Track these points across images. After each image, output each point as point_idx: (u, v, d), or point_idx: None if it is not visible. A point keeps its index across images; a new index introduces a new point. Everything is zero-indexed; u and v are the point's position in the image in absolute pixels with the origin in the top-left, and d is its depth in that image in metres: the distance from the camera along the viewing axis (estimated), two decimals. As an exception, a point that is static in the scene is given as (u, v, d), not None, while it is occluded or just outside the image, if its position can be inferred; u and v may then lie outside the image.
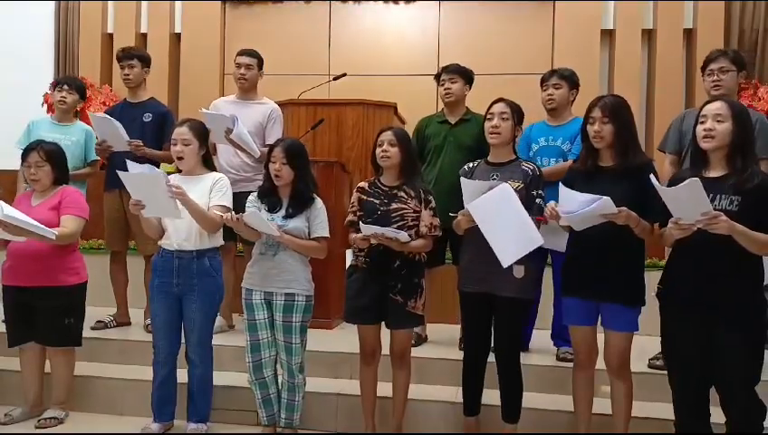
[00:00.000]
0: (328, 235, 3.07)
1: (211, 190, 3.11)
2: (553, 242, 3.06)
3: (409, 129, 4.38)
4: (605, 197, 2.51)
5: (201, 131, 3.21)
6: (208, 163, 3.25)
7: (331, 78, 5.03)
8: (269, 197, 3.08)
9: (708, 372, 2.49)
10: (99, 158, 4.17)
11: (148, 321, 3.94)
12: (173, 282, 3.07)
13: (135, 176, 2.95)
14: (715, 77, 3.28)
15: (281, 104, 4.40)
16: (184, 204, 2.94)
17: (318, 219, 3.05)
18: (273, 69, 5.85)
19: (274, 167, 3.01)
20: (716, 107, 2.47)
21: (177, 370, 3.20)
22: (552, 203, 2.66)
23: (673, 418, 2.66)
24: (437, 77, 3.96)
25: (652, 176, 2.48)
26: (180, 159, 3.15)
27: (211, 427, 3.20)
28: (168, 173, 3.55)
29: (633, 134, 2.74)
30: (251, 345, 3.05)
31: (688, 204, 2.30)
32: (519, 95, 4.19)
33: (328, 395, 3.31)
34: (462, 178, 2.81)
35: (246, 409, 3.28)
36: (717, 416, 2.56)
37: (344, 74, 5.00)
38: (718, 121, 2.43)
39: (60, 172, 3.38)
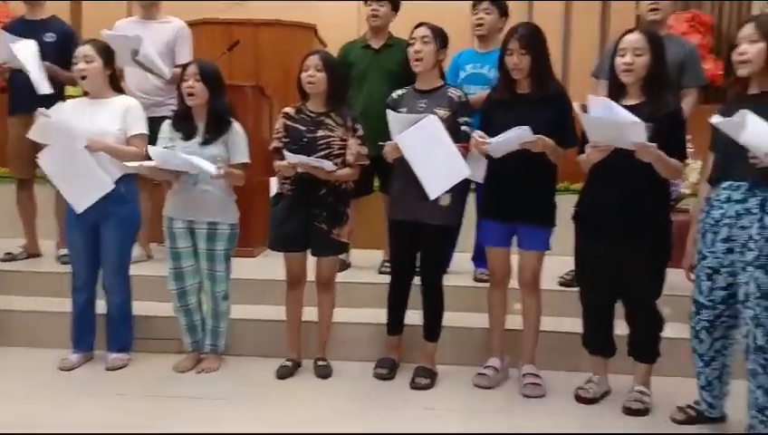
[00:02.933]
0: (249, 160, 3.02)
1: (124, 118, 2.98)
2: (474, 171, 3.12)
3: (331, 51, 4.29)
4: (525, 126, 2.59)
5: (105, 50, 3.05)
6: (116, 86, 3.09)
7: (248, -4, 4.81)
8: (183, 123, 2.98)
9: (616, 288, 2.70)
10: None
11: (61, 252, 3.80)
12: (88, 210, 2.95)
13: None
14: (653, 5, 3.32)
15: (193, 24, 4.18)
16: (105, 151, 2.84)
17: (238, 145, 2.98)
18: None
19: (187, 84, 2.91)
20: (635, 39, 2.56)
21: (97, 301, 3.14)
22: (477, 133, 2.73)
23: (579, 331, 2.88)
24: None
25: (576, 104, 2.57)
26: (83, 78, 2.98)
27: (133, 356, 3.18)
28: (73, 97, 3.37)
29: (548, 63, 2.83)
30: (174, 274, 3.02)
31: (607, 130, 2.44)
32: (454, 23, 4.18)
33: (252, 321, 3.33)
34: (388, 112, 2.82)
35: (168, 337, 3.27)
36: (619, 328, 2.79)
37: (261, -8, 4.78)
38: (637, 55, 2.54)
39: None
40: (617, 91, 2.64)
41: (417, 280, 3.04)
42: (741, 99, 2.36)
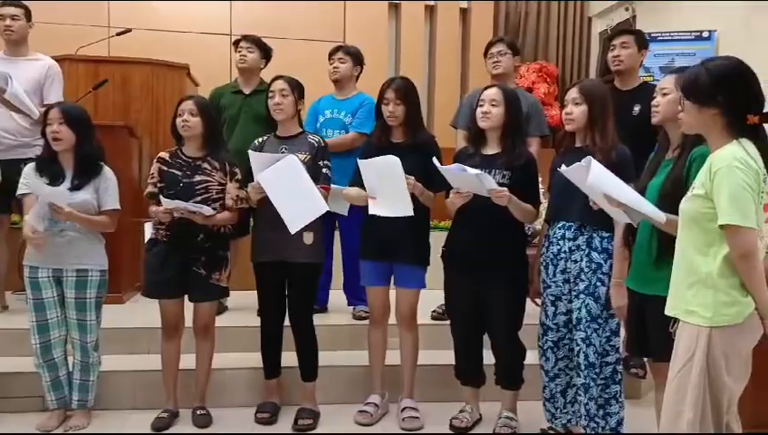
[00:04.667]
0: (119, 207, 2.93)
1: None
2: (336, 207, 3.24)
3: (203, 91, 4.28)
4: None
5: None
6: None
7: (114, 33, 4.67)
8: (49, 167, 2.84)
9: (481, 321, 2.91)
10: None
11: None
12: None
13: None
14: (495, 59, 3.68)
15: (57, 60, 3.99)
16: None
17: (108, 191, 2.89)
18: (44, 17, 5.27)
19: (52, 129, 2.79)
20: (493, 93, 2.84)
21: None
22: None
23: (451, 362, 3.05)
24: (236, 44, 3.90)
25: (435, 160, 2.77)
26: None
27: (-12, 418, 2.93)
28: None
29: (419, 114, 3.07)
30: (38, 326, 2.84)
31: (464, 180, 2.66)
32: (312, 61, 4.31)
33: (124, 372, 3.19)
34: (250, 152, 2.88)
35: (29, 395, 3.05)
36: (488, 358, 2.99)
37: (129, 30, 4.67)
38: (493, 106, 2.82)
39: None
40: (477, 140, 2.90)
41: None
42: (569, 150, 2.72)
